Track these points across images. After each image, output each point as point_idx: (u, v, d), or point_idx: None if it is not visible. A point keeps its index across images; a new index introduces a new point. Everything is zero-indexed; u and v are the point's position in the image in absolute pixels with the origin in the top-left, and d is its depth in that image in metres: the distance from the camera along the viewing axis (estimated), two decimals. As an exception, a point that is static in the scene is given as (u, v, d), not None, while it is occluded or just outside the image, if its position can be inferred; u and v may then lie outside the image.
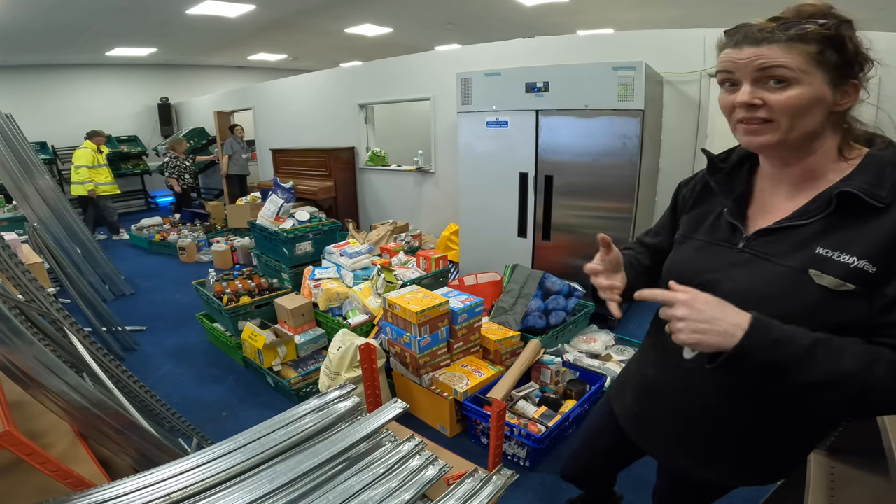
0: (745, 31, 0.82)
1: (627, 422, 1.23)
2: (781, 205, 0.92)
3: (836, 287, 0.79)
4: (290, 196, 3.89)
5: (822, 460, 1.55)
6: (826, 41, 0.78)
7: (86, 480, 1.00)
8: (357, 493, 1.06)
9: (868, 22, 3.94)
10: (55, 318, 2.08)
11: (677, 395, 1.05)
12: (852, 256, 0.78)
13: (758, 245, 0.90)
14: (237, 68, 10.94)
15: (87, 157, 6.78)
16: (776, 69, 0.78)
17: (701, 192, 1.08)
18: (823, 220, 0.83)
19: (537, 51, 4.64)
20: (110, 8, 5.68)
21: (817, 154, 0.86)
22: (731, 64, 0.83)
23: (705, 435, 1.04)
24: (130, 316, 4.22)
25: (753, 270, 0.89)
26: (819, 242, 0.82)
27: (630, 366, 1.31)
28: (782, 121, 0.81)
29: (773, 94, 0.80)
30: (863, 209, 0.79)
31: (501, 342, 2.86)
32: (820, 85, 0.79)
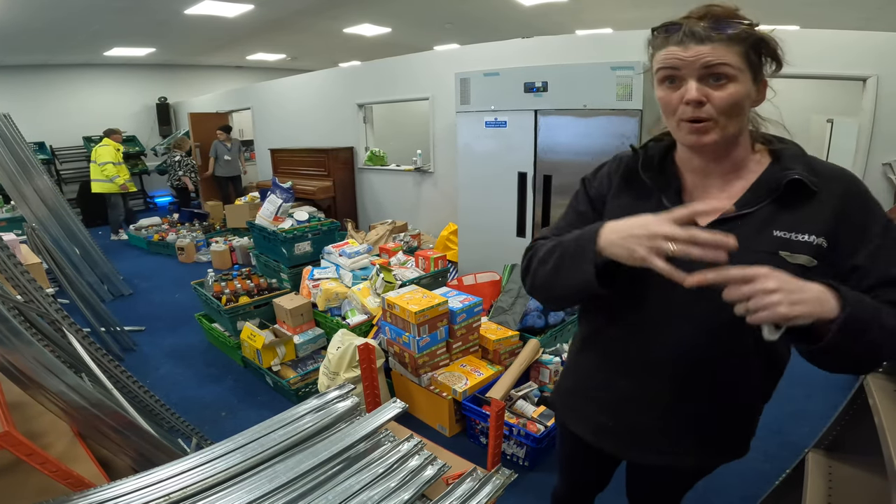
0: (686, 30, 0.83)
1: (604, 440, 1.15)
2: (716, 196, 0.96)
3: (808, 264, 0.86)
4: (288, 196, 3.89)
5: (820, 460, 1.55)
6: (752, 42, 0.83)
7: (85, 480, 1.00)
8: (356, 493, 1.06)
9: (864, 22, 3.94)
10: (54, 318, 2.07)
11: (659, 394, 1.02)
12: (811, 235, 0.86)
13: None
14: (236, 68, 10.93)
15: (111, 154, 6.90)
16: (720, 67, 0.82)
17: (621, 187, 1.06)
18: (769, 206, 0.90)
19: (536, 51, 4.63)
20: (108, 8, 5.66)
21: (740, 147, 0.93)
22: (677, 61, 0.85)
23: (694, 424, 1.04)
24: (129, 316, 4.22)
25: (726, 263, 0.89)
26: (773, 226, 0.89)
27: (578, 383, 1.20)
28: (721, 118, 0.85)
29: (715, 91, 0.83)
30: (801, 193, 0.88)
31: (500, 342, 2.86)
32: (749, 82, 0.85)
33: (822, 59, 3.62)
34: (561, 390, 1.28)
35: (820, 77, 3.89)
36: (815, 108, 5.78)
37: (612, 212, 1.05)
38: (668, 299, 0.94)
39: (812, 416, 2.61)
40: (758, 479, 2.09)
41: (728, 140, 0.89)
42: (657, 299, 0.97)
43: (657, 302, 0.97)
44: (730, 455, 1.10)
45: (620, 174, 1.06)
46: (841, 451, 1.56)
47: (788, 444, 2.40)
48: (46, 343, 1.92)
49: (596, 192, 1.10)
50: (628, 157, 1.07)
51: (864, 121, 3.60)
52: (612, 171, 1.09)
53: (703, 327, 0.94)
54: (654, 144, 1.04)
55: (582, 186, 1.15)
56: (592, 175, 1.13)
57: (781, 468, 1.72)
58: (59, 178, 8.78)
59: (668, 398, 1.02)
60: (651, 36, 0.92)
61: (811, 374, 3.32)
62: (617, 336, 1.06)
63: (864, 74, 3.52)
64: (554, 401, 1.31)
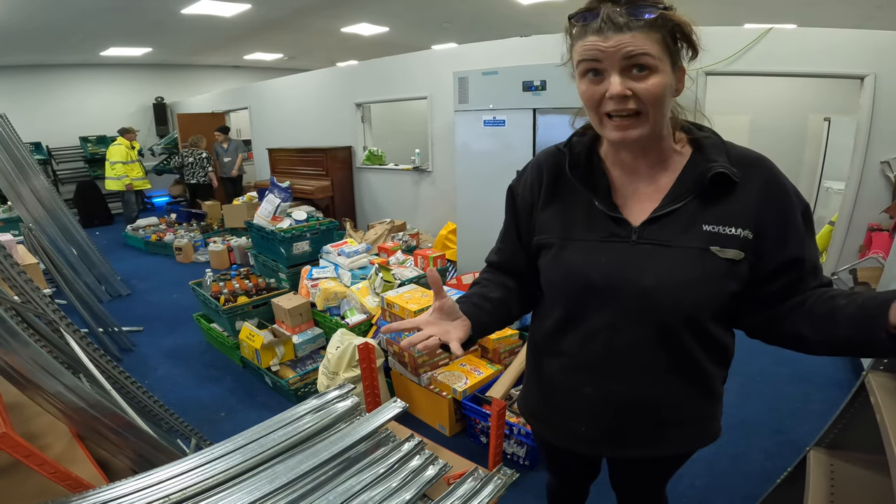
0: (604, 17, 0.79)
1: (578, 444, 1.13)
2: (644, 190, 0.95)
3: (736, 258, 0.88)
4: (286, 196, 3.88)
5: (821, 458, 1.55)
6: (669, 28, 0.81)
7: (84, 482, 0.99)
8: (357, 494, 1.06)
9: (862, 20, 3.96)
10: (51, 318, 2.06)
11: (621, 394, 1.00)
12: (738, 228, 0.88)
13: (649, 234, 0.92)
14: (233, 68, 10.90)
15: (122, 153, 7.05)
16: (641, 57, 0.79)
17: (550, 192, 1.03)
18: (694, 199, 0.90)
19: (534, 49, 4.63)
20: (104, 8, 5.65)
21: (665, 139, 0.92)
22: (597, 52, 0.81)
23: (659, 418, 1.03)
24: (127, 317, 4.20)
25: (663, 259, 0.90)
26: (701, 220, 0.89)
27: (542, 391, 1.16)
28: (650, 111, 0.83)
29: (638, 83, 0.81)
30: (724, 185, 0.88)
31: (500, 341, 2.85)
32: (669, 71, 0.83)
33: (820, 57, 3.62)
34: (527, 399, 1.24)
35: (817, 76, 3.90)
36: (812, 107, 5.79)
37: (546, 222, 1.04)
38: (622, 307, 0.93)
39: (812, 414, 2.62)
40: (759, 478, 2.09)
41: (655, 133, 0.88)
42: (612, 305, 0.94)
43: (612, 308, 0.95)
44: (703, 440, 1.09)
45: (547, 178, 1.04)
46: (842, 449, 1.55)
47: (789, 443, 2.40)
48: (44, 344, 1.91)
49: (522, 201, 1.08)
50: (553, 158, 1.04)
51: (862, 119, 3.61)
52: (534, 176, 1.06)
53: (657, 329, 0.93)
54: (578, 140, 1.02)
55: (508, 197, 1.13)
56: (516, 182, 1.11)
57: (783, 466, 1.72)
58: (55, 178, 8.77)
59: (629, 397, 1.00)
60: (568, 24, 0.88)
61: (811, 373, 3.32)
62: (572, 342, 1.02)
63: (862, 73, 3.52)
64: (522, 410, 1.27)
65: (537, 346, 1.14)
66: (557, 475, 1.47)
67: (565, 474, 1.45)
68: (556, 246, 1.01)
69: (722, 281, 0.89)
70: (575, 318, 1.00)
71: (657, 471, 1.25)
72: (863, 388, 1.38)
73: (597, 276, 0.94)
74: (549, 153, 1.06)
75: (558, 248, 1.00)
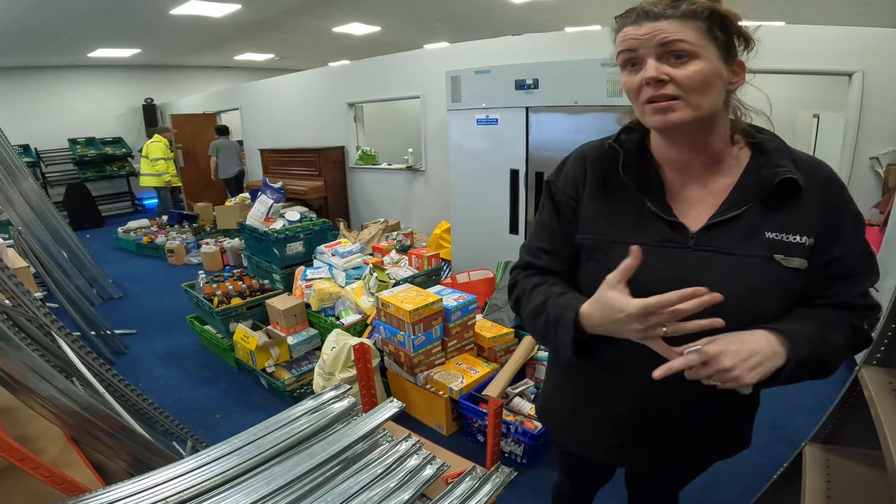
0: (640, 10, 0.81)
1: (608, 456, 1.11)
2: (697, 193, 0.91)
3: (801, 267, 0.85)
4: (279, 196, 3.87)
5: (816, 453, 1.56)
6: (712, 17, 0.79)
7: (80, 485, 0.98)
8: (355, 494, 1.05)
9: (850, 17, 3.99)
10: (42, 322, 2.04)
11: (665, 412, 0.98)
12: (802, 236, 0.85)
13: (709, 240, 0.87)
14: (224, 68, 10.84)
15: (162, 150, 7.17)
16: (677, 43, 0.78)
17: (597, 191, 0.97)
18: (756, 205, 0.86)
19: (526, 48, 4.64)
20: (91, 9, 5.59)
21: (718, 136, 0.88)
22: (632, 41, 0.81)
23: (697, 432, 1.02)
24: (119, 319, 4.17)
25: (724, 267, 0.86)
26: (764, 227, 0.86)
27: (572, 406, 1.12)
28: (689, 97, 0.79)
29: (676, 69, 0.79)
30: (789, 191, 0.85)
31: (495, 339, 2.86)
32: (716, 60, 0.80)
33: (808, 54, 3.65)
34: (551, 411, 1.21)
35: (806, 72, 3.92)
36: (801, 104, 5.82)
37: (591, 221, 0.98)
38: None
39: (807, 409, 2.63)
40: (755, 474, 2.10)
41: (702, 122, 0.83)
42: None
43: None
44: (736, 450, 1.09)
45: (592, 173, 0.98)
46: (837, 444, 1.56)
47: (785, 438, 2.42)
48: (35, 348, 1.89)
49: (563, 197, 1.01)
50: (599, 153, 0.99)
51: (851, 116, 3.64)
52: (577, 170, 1.00)
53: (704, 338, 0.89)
54: (627, 137, 0.98)
55: (546, 192, 1.06)
56: (555, 177, 1.04)
57: (779, 462, 1.73)
58: (44, 180, 8.68)
59: (673, 414, 0.98)
60: (614, 24, 0.87)
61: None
62: (615, 352, 0.93)
63: (850, 69, 3.55)
64: (544, 420, 1.25)
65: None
66: (574, 480, 1.46)
67: (583, 480, 1.43)
68: (602, 249, 0.95)
69: (787, 289, 0.86)
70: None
71: (682, 478, 1.25)
72: (856, 383, 1.39)
73: (651, 282, 0.86)
74: (595, 147, 1.01)
75: (605, 252, 0.94)
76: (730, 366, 0.77)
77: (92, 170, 9.17)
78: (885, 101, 3.49)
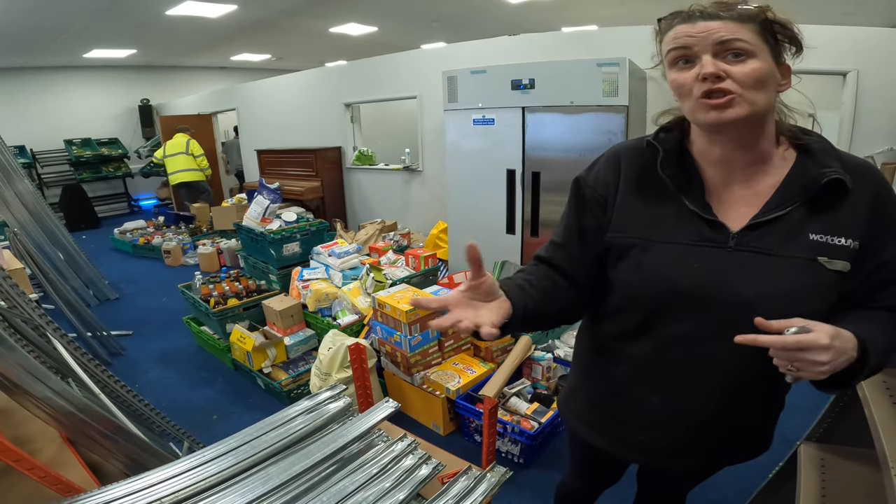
0: (693, 9, 0.81)
1: (629, 452, 1.11)
2: (740, 193, 0.89)
3: (844, 270, 0.83)
4: (276, 197, 3.86)
5: (811, 452, 1.57)
6: (765, 22, 0.79)
7: (75, 486, 0.98)
8: (351, 494, 1.05)
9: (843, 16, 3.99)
10: (38, 324, 2.04)
11: (696, 409, 0.97)
12: (848, 239, 0.82)
13: (751, 241, 0.86)
14: (220, 69, 10.81)
15: (200, 147, 7.37)
16: (735, 42, 0.78)
17: (631, 188, 0.96)
18: (801, 206, 0.84)
19: (522, 48, 4.64)
20: (86, 9, 5.57)
21: (766, 136, 0.87)
22: (687, 38, 0.80)
23: (727, 434, 1.02)
24: (116, 321, 4.16)
25: (765, 268, 0.84)
26: (808, 228, 0.84)
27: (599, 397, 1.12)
28: (747, 94, 0.79)
29: (734, 67, 0.78)
30: (836, 193, 0.83)
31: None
32: (770, 61, 0.80)
33: (803, 54, 3.66)
34: (573, 403, 1.21)
35: (800, 72, 3.92)
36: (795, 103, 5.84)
37: (625, 220, 0.96)
38: (711, 316, 0.87)
39: (801, 408, 2.62)
40: (751, 472, 2.09)
41: (754, 123, 0.83)
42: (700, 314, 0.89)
43: (700, 317, 0.89)
44: (758, 451, 1.10)
45: (627, 172, 0.97)
46: (832, 443, 1.57)
47: (779, 437, 2.39)
48: (31, 349, 1.89)
49: (592, 194, 1.00)
50: (635, 152, 0.97)
51: (845, 115, 3.66)
52: (609, 169, 0.99)
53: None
54: (666, 136, 0.95)
55: (573, 188, 1.04)
56: (586, 174, 1.02)
57: (774, 461, 1.73)
58: (40, 181, 8.65)
59: (700, 409, 0.97)
60: (657, 26, 0.87)
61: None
62: (645, 348, 0.96)
63: (845, 69, 3.57)
64: (566, 413, 1.24)
65: (597, 349, 1.08)
66: (584, 477, 1.45)
67: (594, 477, 1.43)
68: (637, 247, 0.94)
69: (828, 293, 0.84)
70: (653, 323, 0.94)
71: (697, 478, 1.25)
72: (851, 381, 1.39)
73: (689, 282, 0.88)
74: (631, 147, 0.99)
75: (641, 250, 0.93)
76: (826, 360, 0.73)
77: (88, 171, 9.14)
78: (880, 100, 3.51)
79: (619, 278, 0.96)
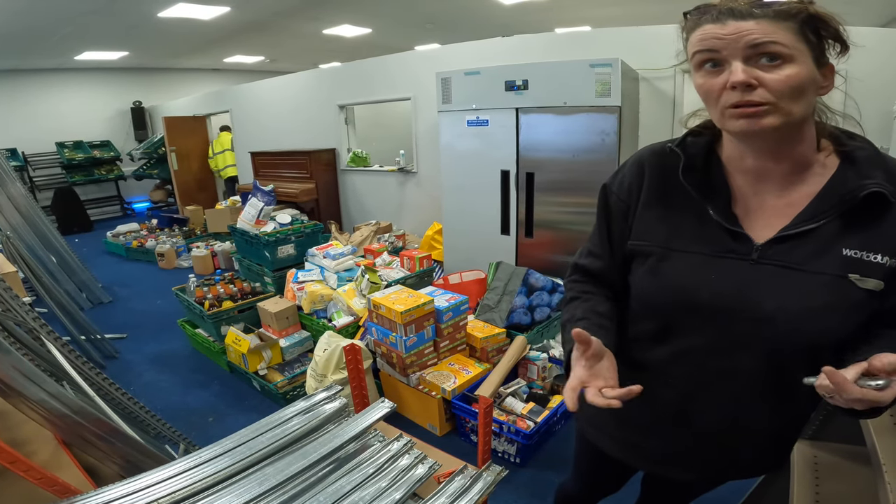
0: (723, 7, 0.73)
1: (634, 457, 1.11)
2: (772, 203, 0.84)
3: (876, 288, 0.76)
4: (270, 199, 3.86)
5: (805, 450, 1.58)
6: (807, 19, 0.72)
7: (71, 487, 0.98)
8: (347, 494, 1.06)
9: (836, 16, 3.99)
10: (31, 327, 2.03)
11: (706, 421, 0.94)
12: (884, 256, 0.76)
13: (776, 254, 0.81)
14: (213, 71, 10.78)
15: None
16: (770, 45, 0.70)
17: (654, 195, 0.93)
18: (837, 218, 0.78)
19: (516, 49, 4.66)
20: (77, 12, 5.54)
21: (805, 143, 0.80)
22: (714, 41, 0.73)
23: (736, 449, 0.97)
24: (109, 324, 4.14)
25: (789, 284, 0.79)
26: (842, 243, 0.78)
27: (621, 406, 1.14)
28: (781, 103, 0.72)
29: (768, 74, 0.71)
30: (876, 205, 0.76)
31: (487, 339, 2.87)
32: (811, 64, 0.73)
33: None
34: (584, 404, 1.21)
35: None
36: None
37: (646, 227, 0.94)
38: (729, 330, 0.84)
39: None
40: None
41: (791, 130, 0.76)
42: (716, 326, 0.86)
43: (716, 330, 0.86)
44: (768, 469, 1.04)
45: (650, 178, 0.93)
46: (825, 440, 1.58)
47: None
48: (25, 352, 1.88)
49: (617, 202, 0.98)
50: (659, 157, 0.93)
51: (837, 114, 3.69)
52: (633, 175, 0.96)
53: (767, 356, 0.83)
54: (693, 140, 0.90)
55: (601, 196, 1.02)
56: (612, 181, 1.00)
57: (767, 457, 1.75)
58: (32, 184, 8.59)
59: (713, 426, 0.93)
60: (683, 21, 0.80)
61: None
62: (658, 356, 0.95)
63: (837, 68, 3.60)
64: (577, 414, 1.22)
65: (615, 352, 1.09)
66: (588, 482, 1.42)
67: (597, 484, 1.40)
68: (655, 256, 0.91)
69: (856, 312, 0.77)
70: (668, 332, 0.92)
71: (702, 488, 1.22)
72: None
73: (705, 294, 0.84)
74: (656, 151, 0.95)
75: (658, 259, 0.91)
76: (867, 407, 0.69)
77: (80, 173, 9.09)
78: (870, 99, 3.54)
79: (637, 286, 0.96)
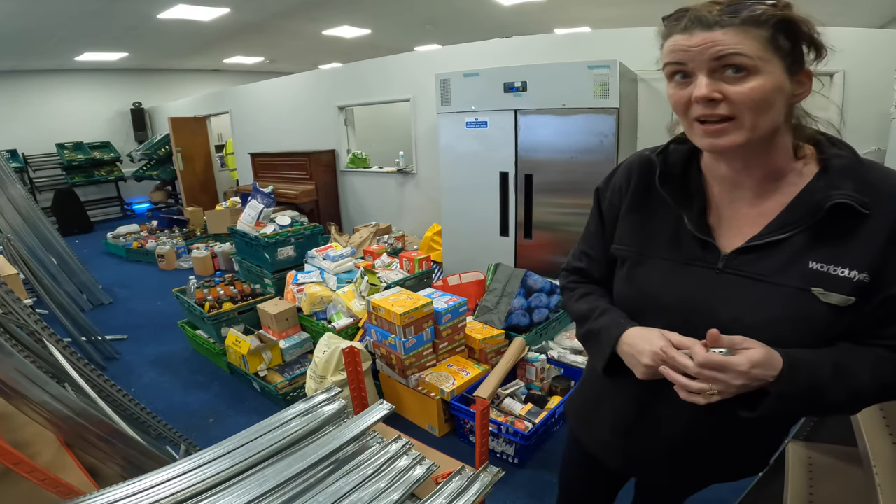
0: (692, 15, 0.72)
1: (612, 457, 1.12)
2: (745, 212, 0.84)
3: (842, 304, 0.75)
4: (270, 201, 3.87)
5: (799, 450, 1.59)
6: (779, 24, 0.71)
7: (74, 488, 0.99)
8: (346, 495, 1.07)
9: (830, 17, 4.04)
10: (33, 329, 2.04)
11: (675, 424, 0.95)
12: (852, 270, 0.74)
13: (741, 264, 0.82)
14: (213, 72, 10.79)
15: None
16: (734, 57, 0.70)
17: (636, 201, 0.95)
18: (807, 230, 0.77)
19: (515, 50, 4.67)
20: (76, 13, 5.55)
21: (778, 152, 0.80)
22: (682, 53, 0.74)
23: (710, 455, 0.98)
24: (110, 325, 4.16)
25: (749, 294, 0.80)
26: (809, 256, 0.77)
27: (594, 395, 1.13)
28: (746, 117, 0.72)
29: (732, 87, 0.71)
30: (848, 216, 0.74)
31: (486, 341, 2.88)
32: (780, 73, 0.72)
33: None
34: (577, 399, 1.22)
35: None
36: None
37: (625, 232, 0.96)
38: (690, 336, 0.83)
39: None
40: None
41: (761, 142, 0.76)
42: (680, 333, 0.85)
43: None
44: (746, 473, 1.05)
45: (636, 184, 0.95)
46: (819, 441, 1.60)
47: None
48: (27, 354, 1.90)
49: (608, 205, 1.00)
50: (645, 163, 0.94)
51: (833, 115, 3.68)
52: (622, 180, 0.98)
53: None
54: (676, 147, 0.91)
55: (595, 199, 1.04)
56: (604, 184, 1.02)
57: (762, 459, 1.76)
58: (32, 186, 8.60)
59: (676, 431, 0.94)
60: (662, 26, 0.79)
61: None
62: None
63: (832, 70, 3.61)
64: (567, 409, 1.26)
65: None
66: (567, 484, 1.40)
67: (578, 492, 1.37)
68: (631, 261, 0.94)
69: (817, 326, 0.77)
70: None
71: (686, 490, 1.24)
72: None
73: (671, 300, 0.87)
74: (643, 157, 0.95)
75: (633, 264, 0.94)
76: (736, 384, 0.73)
77: (80, 175, 9.10)
78: (867, 100, 3.55)
79: (615, 289, 1.00)
